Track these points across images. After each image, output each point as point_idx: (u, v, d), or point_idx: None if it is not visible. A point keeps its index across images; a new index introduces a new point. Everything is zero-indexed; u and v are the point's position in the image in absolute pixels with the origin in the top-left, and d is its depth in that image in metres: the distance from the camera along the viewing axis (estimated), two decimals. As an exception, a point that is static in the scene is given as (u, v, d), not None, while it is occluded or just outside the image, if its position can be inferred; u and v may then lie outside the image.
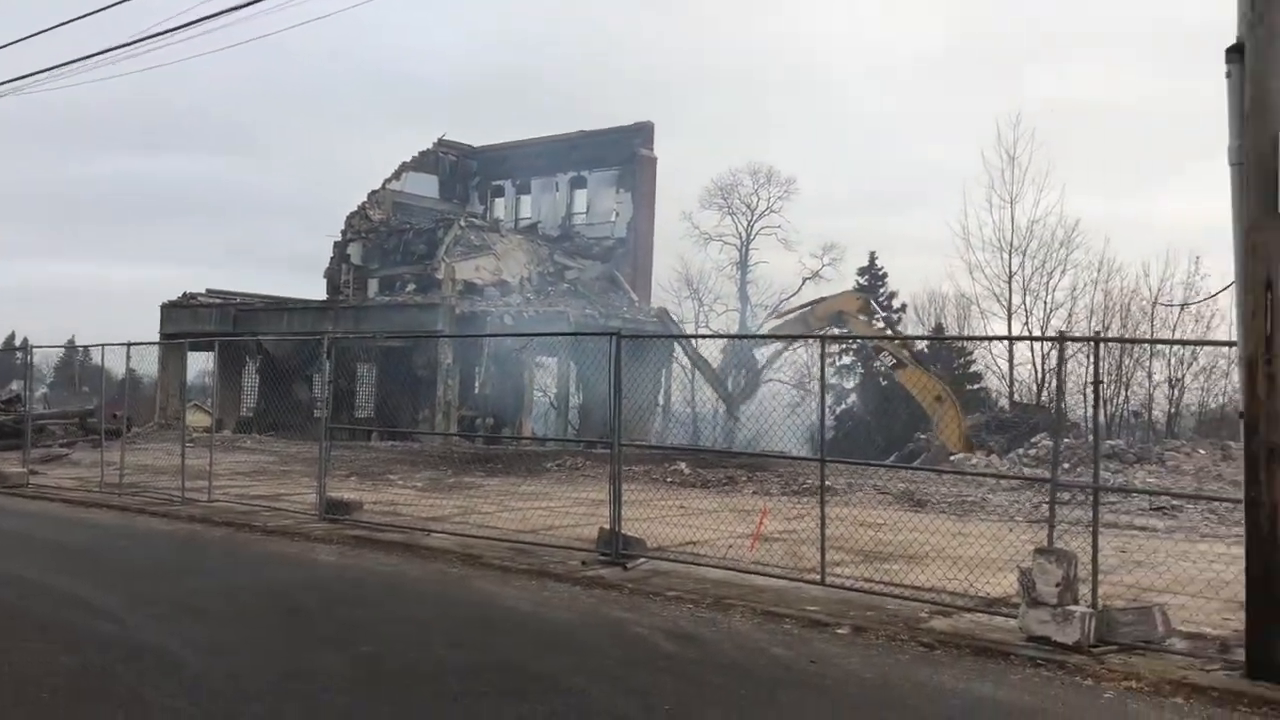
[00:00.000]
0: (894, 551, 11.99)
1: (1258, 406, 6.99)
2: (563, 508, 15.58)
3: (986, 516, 16.22)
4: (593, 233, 43.24)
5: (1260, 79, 6.92)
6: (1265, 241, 6.96)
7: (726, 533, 12.65)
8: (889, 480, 20.81)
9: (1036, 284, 38.48)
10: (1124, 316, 36.95)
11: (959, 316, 42.36)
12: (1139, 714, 6.42)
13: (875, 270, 47.51)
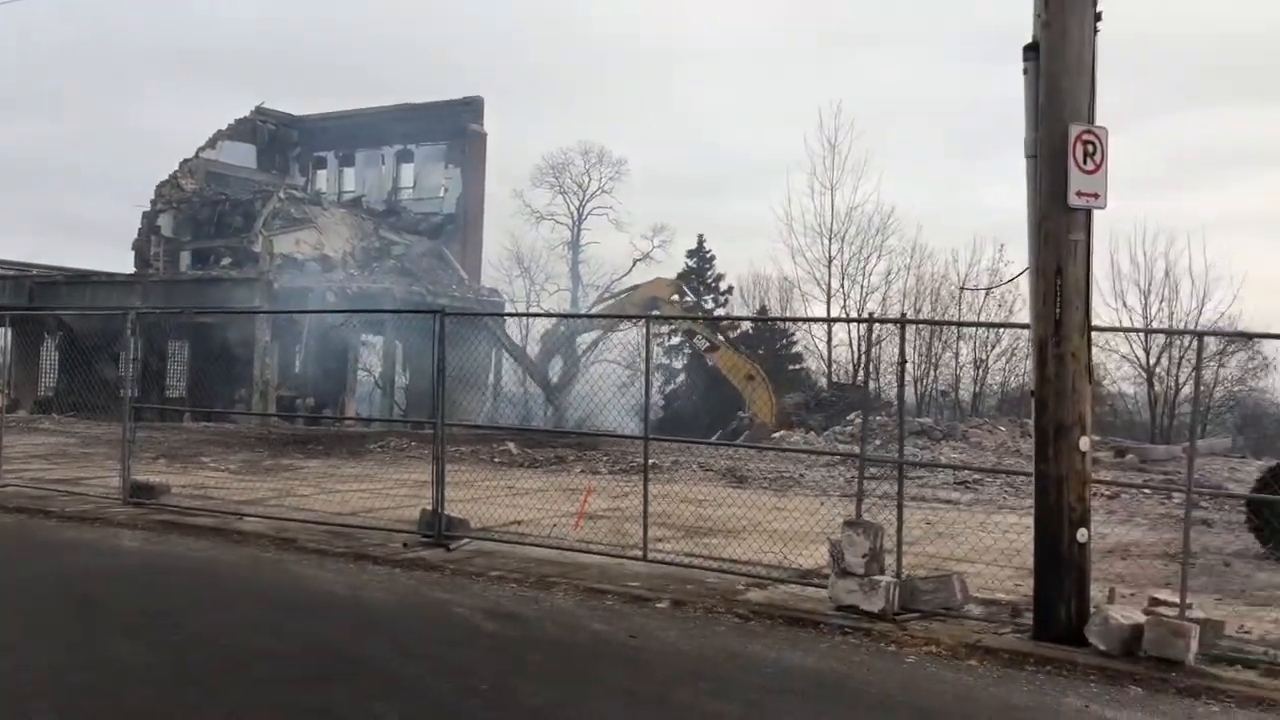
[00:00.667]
0: (715, 526, 12.28)
1: (1047, 386, 7.46)
2: (385, 489, 15.27)
3: (804, 491, 16.80)
4: (420, 208, 42.38)
5: (1053, 77, 7.34)
6: (1055, 230, 7.41)
7: (553, 512, 12.67)
8: (713, 457, 21.29)
9: (854, 268, 40.01)
10: (934, 300, 38.82)
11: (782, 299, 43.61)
12: (937, 677, 6.78)
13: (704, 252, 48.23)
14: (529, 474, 18.72)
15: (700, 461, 20.73)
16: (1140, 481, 17.23)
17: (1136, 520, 14.21)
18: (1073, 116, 7.30)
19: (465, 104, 42.33)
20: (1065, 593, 7.37)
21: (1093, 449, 7.63)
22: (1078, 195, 7.32)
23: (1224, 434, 31.14)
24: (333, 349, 32.23)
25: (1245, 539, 12.32)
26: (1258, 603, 9.31)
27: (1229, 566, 11.10)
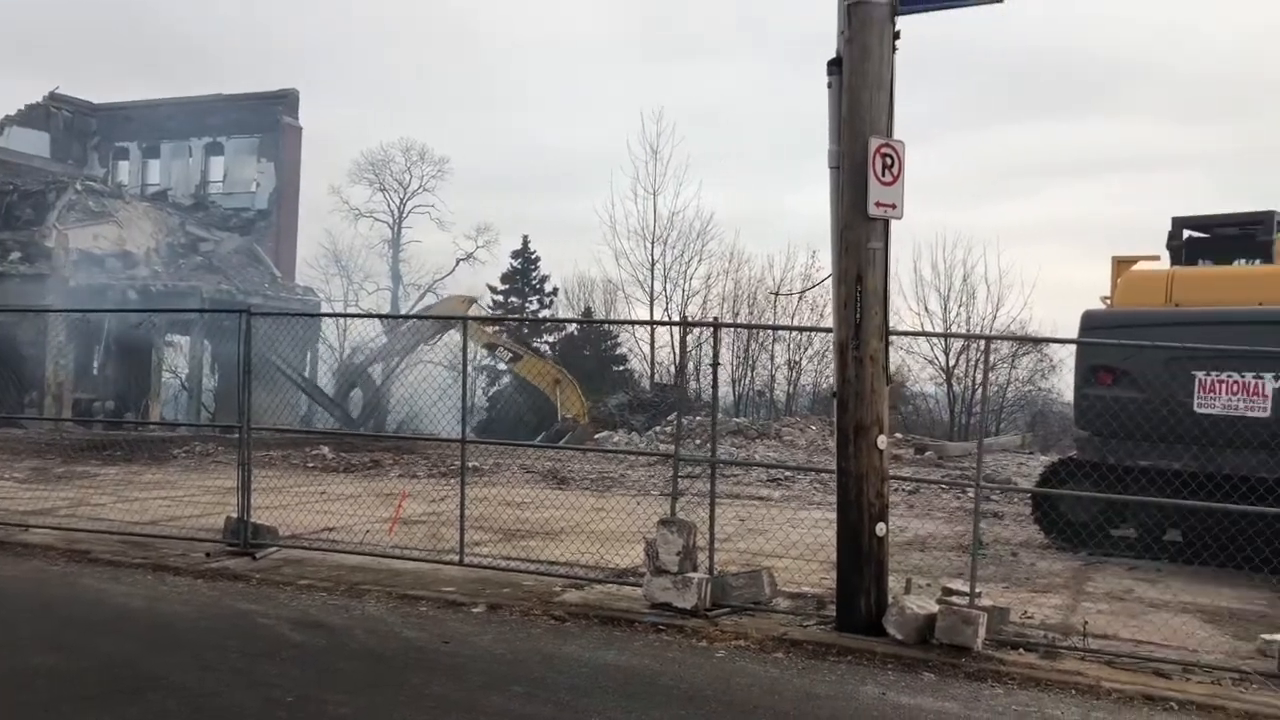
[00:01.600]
0: (534, 529, 12.27)
1: (848, 387, 7.79)
2: (189, 497, 14.60)
3: (625, 491, 16.97)
4: (231, 203, 40.57)
5: (854, 91, 7.67)
6: (856, 239, 7.74)
7: (367, 517, 12.37)
8: (535, 459, 21.26)
9: (676, 272, 40.62)
10: (752, 304, 39.85)
11: (607, 300, 43.85)
12: (745, 670, 6.98)
13: (528, 253, 48.03)
14: (344, 479, 18.23)
15: (522, 464, 20.68)
16: (938, 477, 18.18)
17: (934, 514, 14.99)
18: (873, 130, 7.64)
19: (279, 96, 40.81)
20: (865, 585, 7.71)
21: (893, 446, 8.02)
22: (877, 206, 7.67)
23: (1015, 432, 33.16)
24: (135, 350, 30.50)
25: (1031, 530, 13.17)
26: (1040, 590, 9.98)
27: (1016, 556, 11.85)
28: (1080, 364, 11.77)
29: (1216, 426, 9.93)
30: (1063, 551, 12.07)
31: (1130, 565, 11.29)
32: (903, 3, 7.60)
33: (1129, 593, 9.95)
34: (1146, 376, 10.57)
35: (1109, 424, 10.66)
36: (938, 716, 6.16)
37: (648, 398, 32.91)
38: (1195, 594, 9.92)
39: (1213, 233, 13.38)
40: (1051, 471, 12.97)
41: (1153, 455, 10.55)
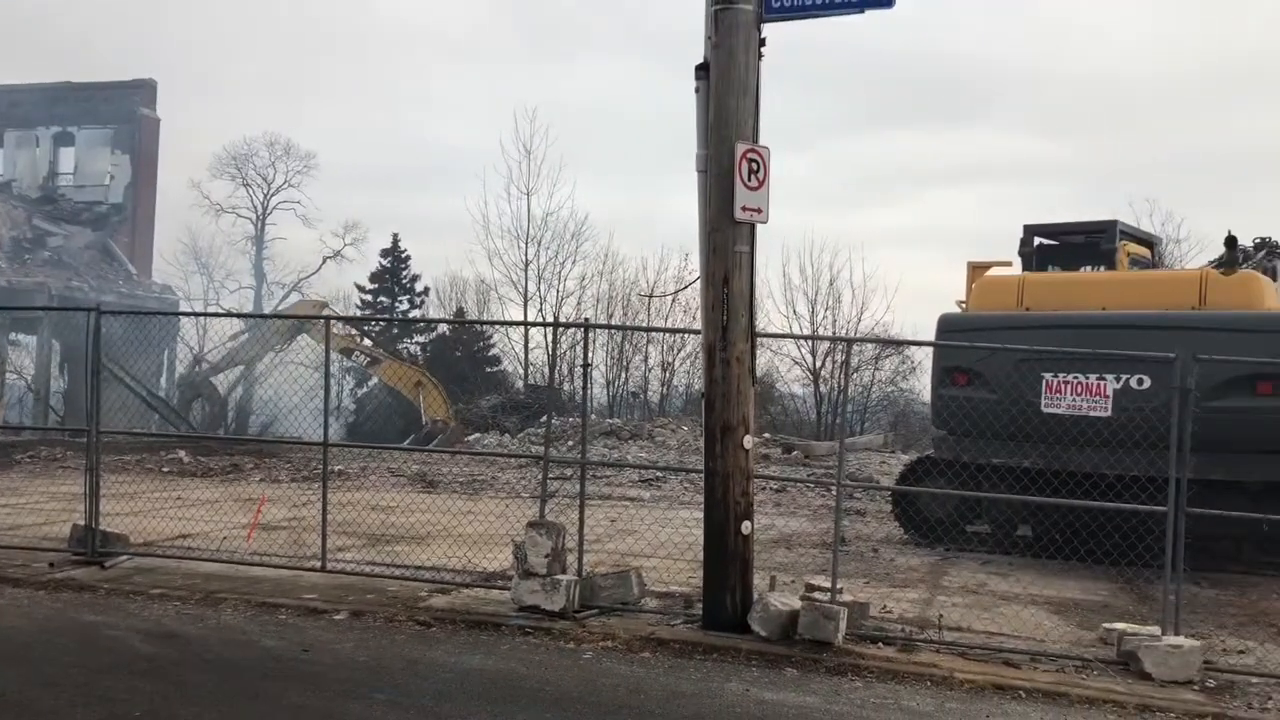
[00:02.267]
0: (401, 533, 12.05)
1: (715, 388, 7.89)
2: (34, 504, 13.87)
3: (496, 494, 16.84)
4: (83, 196, 38.73)
5: (721, 96, 7.77)
6: (723, 242, 7.84)
7: (225, 524, 11.94)
8: (404, 462, 20.91)
9: (550, 273, 40.48)
10: (625, 306, 40.01)
11: (479, 301, 43.38)
12: (612, 671, 6.99)
13: (399, 252, 47.14)
14: (201, 484, 17.59)
15: (390, 467, 20.31)
16: (804, 476, 18.58)
17: (800, 512, 15.32)
18: (739, 135, 7.76)
19: (135, 86, 39.14)
20: (731, 583, 7.82)
21: (762, 446, 8.15)
22: (743, 210, 7.78)
23: (878, 431, 34.14)
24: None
25: (892, 527, 13.57)
26: (899, 584, 10.29)
27: (877, 553, 12.19)
28: (936, 366, 12.19)
29: (1062, 425, 10.41)
30: (921, 547, 12.48)
31: (984, 560, 11.75)
32: (768, 10, 7.72)
33: (982, 586, 10.35)
34: (998, 378, 11.01)
35: (963, 423, 11.07)
36: (799, 711, 6.27)
37: (521, 399, 32.71)
38: (1044, 586, 10.37)
39: (1061, 240, 14.03)
40: (910, 470, 13.40)
41: (1004, 453, 11.00)
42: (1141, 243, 14.57)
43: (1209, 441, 8.97)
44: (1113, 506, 8.47)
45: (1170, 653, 7.19)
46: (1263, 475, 10.50)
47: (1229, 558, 11.70)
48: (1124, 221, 14.11)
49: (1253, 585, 10.90)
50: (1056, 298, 11.87)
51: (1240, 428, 10.08)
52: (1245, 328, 10.49)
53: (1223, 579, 11.08)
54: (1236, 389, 10.26)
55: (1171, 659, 7.16)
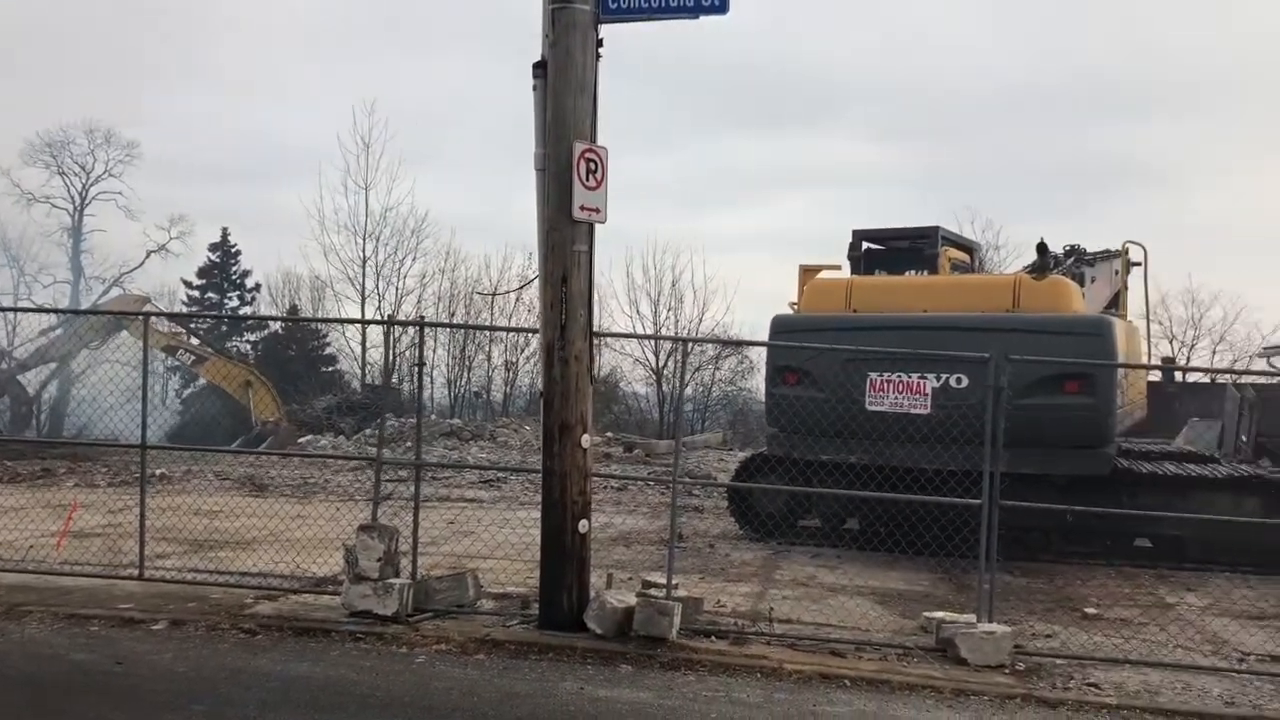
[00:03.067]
0: (227, 539, 11.60)
1: (554, 387, 7.88)
2: None
3: (329, 497, 16.37)
4: (-126, 182, 35.80)
5: (559, 95, 7.76)
6: (562, 241, 7.83)
7: (33, 531, 11.24)
8: (232, 465, 20.13)
9: (389, 270, 39.61)
10: (468, 304, 39.56)
11: (314, 298, 42.10)
12: (445, 674, 6.89)
13: (228, 246, 45.36)
14: (7, 490, 16.47)
15: (217, 470, 19.51)
16: (644, 474, 18.77)
17: (640, 510, 15.46)
18: (577, 135, 7.76)
19: (-65, 63, 36.41)
20: (567, 582, 7.82)
21: (602, 445, 8.18)
22: (581, 209, 7.79)
23: (718, 429, 34.81)
24: None
25: (728, 523, 13.85)
26: (733, 579, 10.51)
27: (713, 548, 12.41)
28: (770, 365, 12.51)
29: (885, 422, 10.83)
30: (756, 542, 12.78)
31: (814, 553, 12.12)
32: (604, 10, 7.75)
33: (812, 579, 10.66)
34: (826, 377, 11.37)
35: (794, 421, 11.39)
36: (632, 707, 6.33)
37: (358, 400, 31.91)
38: (869, 578, 10.77)
39: (887, 245, 14.61)
40: (745, 466, 13.69)
41: (832, 450, 11.38)
42: (962, 248, 15.30)
43: (1021, 437, 9.48)
44: (931, 500, 8.85)
45: (984, 639, 7.56)
46: (1070, 469, 11.17)
47: (1040, 547, 12.39)
48: (946, 228, 14.77)
49: (1060, 573, 11.57)
50: (882, 300, 12.34)
51: (1050, 424, 10.69)
52: (1054, 329, 11.14)
53: (1033, 568, 11.73)
54: (1046, 387, 10.88)
55: (985, 645, 7.53)
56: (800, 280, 13.75)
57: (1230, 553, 11.97)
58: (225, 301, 44.89)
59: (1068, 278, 12.77)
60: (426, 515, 11.59)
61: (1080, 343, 10.96)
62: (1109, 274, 15.23)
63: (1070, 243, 14.96)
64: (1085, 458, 11.10)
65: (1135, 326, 15.12)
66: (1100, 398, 11.00)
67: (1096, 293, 14.63)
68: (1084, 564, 12.08)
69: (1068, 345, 10.77)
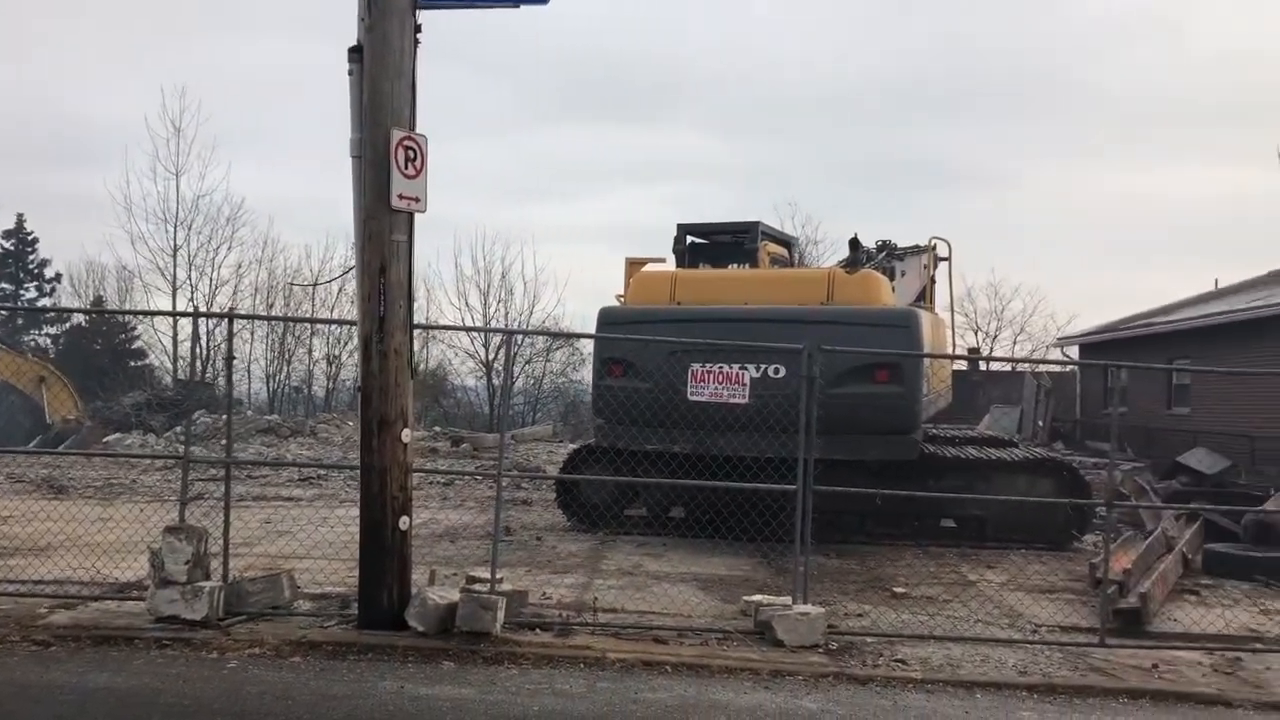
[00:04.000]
0: (20, 545, 10.88)
1: (372, 381, 7.70)
2: None
3: (136, 499, 15.53)
4: None
5: (375, 81, 7.58)
6: (380, 230, 7.65)
7: None
8: (28, 466, 18.87)
9: (203, 260, 37.81)
10: (287, 295, 38.17)
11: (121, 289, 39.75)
12: (258, 679, 6.64)
13: (24, 234, 42.44)
14: None
15: (12, 472, 18.25)
16: (472, 468, 18.59)
17: (467, 505, 15.30)
18: (395, 122, 7.60)
19: None
20: (388, 580, 7.67)
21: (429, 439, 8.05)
22: (400, 198, 7.64)
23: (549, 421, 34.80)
24: None
25: (557, 514, 13.86)
26: (560, 570, 10.53)
27: (540, 541, 12.40)
28: (596, 357, 12.58)
29: (706, 412, 11.07)
30: (583, 533, 12.84)
31: (641, 542, 12.26)
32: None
33: (638, 568, 10.79)
34: (650, 368, 11.52)
35: (619, 412, 11.50)
36: (454, 703, 6.26)
37: (170, 395, 30.38)
38: (693, 564, 10.98)
39: (710, 239, 14.91)
40: (573, 458, 13.73)
41: (656, 440, 11.55)
42: (781, 243, 15.77)
43: (834, 425, 9.85)
44: (750, 487, 9.08)
45: (799, 620, 7.82)
46: (880, 454, 11.67)
47: (853, 530, 12.91)
48: (766, 223, 15.19)
49: (872, 554, 12.08)
50: (705, 293, 12.58)
51: (861, 412, 11.13)
52: (865, 321, 11.60)
53: (848, 549, 12.21)
54: (858, 377, 11.31)
55: (800, 626, 7.79)
56: (627, 273, 13.88)
57: (1026, 530, 12.75)
58: (21, 293, 41.99)
59: (879, 272, 13.32)
60: (240, 515, 11.20)
61: (889, 334, 11.44)
62: (918, 268, 15.99)
63: (883, 238, 15.62)
64: (894, 443, 11.61)
65: (941, 318, 15.91)
66: (908, 386, 11.51)
67: (907, 286, 15.34)
68: (894, 545, 12.65)
69: (877, 336, 11.23)
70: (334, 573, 9.37)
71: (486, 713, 6.13)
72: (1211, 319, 22.48)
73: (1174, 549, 11.30)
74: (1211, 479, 17.74)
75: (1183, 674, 7.50)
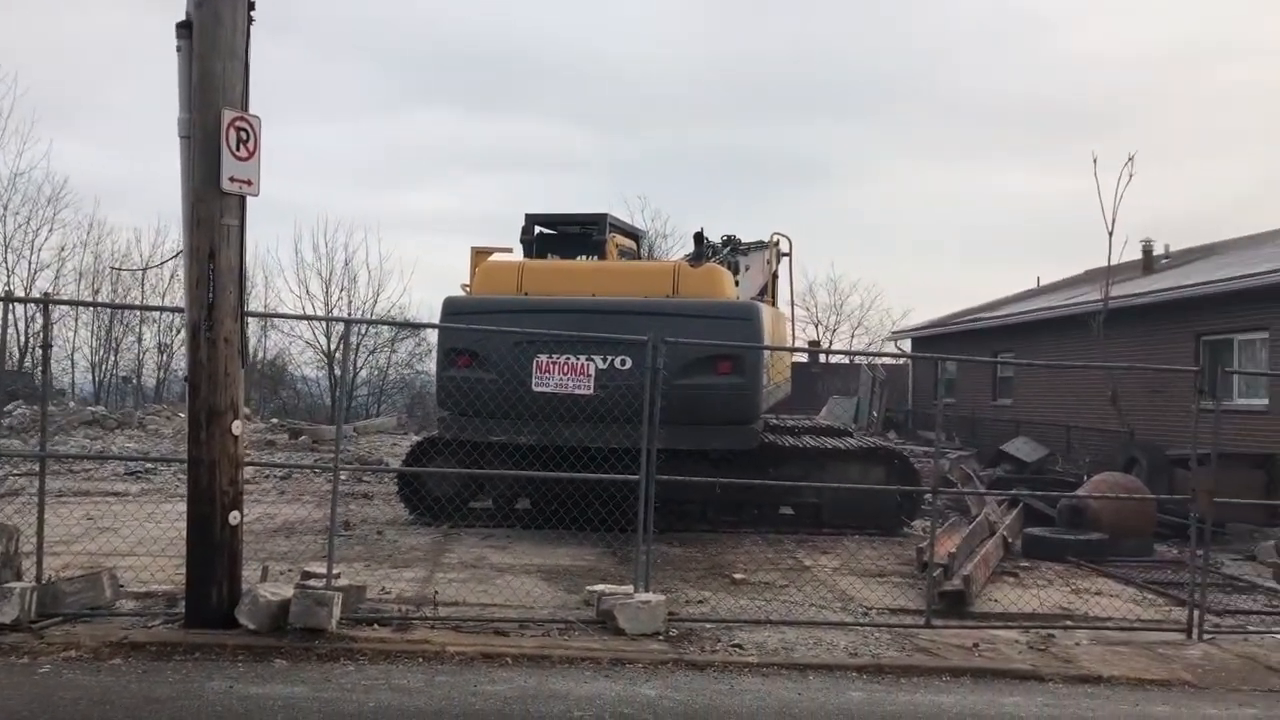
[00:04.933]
0: None
1: (200, 370, 7.40)
2: None
3: (-59, 496, 14.50)
4: None
5: (205, 59, 7.27)
6: (209, 214, 7.35)
7: None
8: None
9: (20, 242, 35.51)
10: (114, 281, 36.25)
11: (-72, 273, 36.98)
12: (74, 682, 6.30)
13: None
14: None
15: None
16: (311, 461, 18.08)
17: (306, 499, 14.87)
18: (226, 102, 7.31)
19: None
20: (217, 576, 7.40)
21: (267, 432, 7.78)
22: (231, 181, 7.36)
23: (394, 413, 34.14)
24: None
25: (399, 508, 13.61)
26: (400, 564, 10.36)
27: (381, 534, 12.16)
28: (441, 348, 12.39)
29: (552, 403, 11.06)
30: (427, 526, 12.65)
31: (486, 535, 12.17)
32: (256, -28, 7.35)
33: (482, 560, 10.71)
34: (496, 359, 11.43)
35: (463, 403, 11.36)
36: (286, 702, 6.08)
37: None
38: (537, 556, 10.97)
39: (559, 230, 14.89)
40: (416, 450, 13.51)
41: (501, 431, 11.48)
42: (629, 235, 15.89)
43: (679, 415, 10.01)
44: (594, 477, 9.12)
45: (640, 608, 7.91)
46: (722, 444, 11.90)
47: (697, 519, 13.14)
48: (614, 215, 15.27)
49: (714, 542, 12.32)
50: (553, 283, 12.56)
51: (704, 402, 11.32)
52: (708, 314, 11.79)
53: (690, 538, 12.41)
54: (701, 368, 11.50)
55: (641, 614, 7.88)
56: (472, 262, 13.73)
57: (859, 517, 13.22)
58: None
59: (723, 266, 13.56)
60: (59, 512, 10.63)
61: (731, 327, 11.66)
62: (761, 263, 16.36)
63: (728, 233, 15.92)
64: (735, 433, 11.85)
65: (782, 312, 16.34)
66: (749, 377, 11.77)
67: (750, 281, 15.67)
68: (735, 533, 12.93)
69: (720, 329, 11.43)
70: (160, 570, 8.96)
71: (320, 710, 5.98)
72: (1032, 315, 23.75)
73: (996, 533, 11.92)
74: (1031, 466, 18.80)
75: (1001, 651, 7.92)
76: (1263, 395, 15.87)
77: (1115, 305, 19.03)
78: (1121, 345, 18.87)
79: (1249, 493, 13.80)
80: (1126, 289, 19.80)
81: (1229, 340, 17.19)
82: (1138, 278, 22.08)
